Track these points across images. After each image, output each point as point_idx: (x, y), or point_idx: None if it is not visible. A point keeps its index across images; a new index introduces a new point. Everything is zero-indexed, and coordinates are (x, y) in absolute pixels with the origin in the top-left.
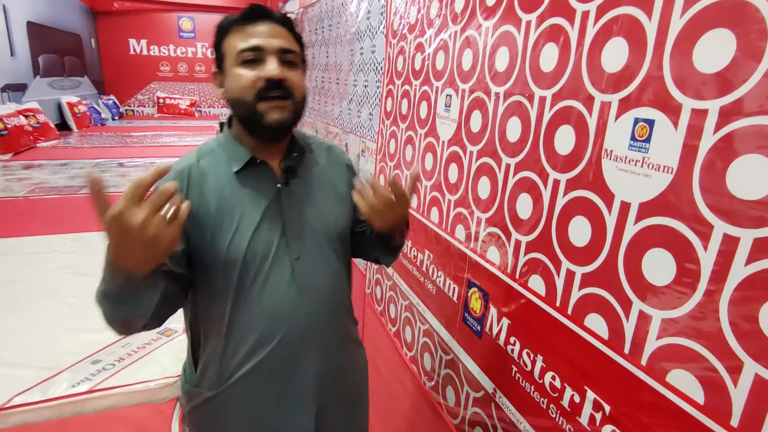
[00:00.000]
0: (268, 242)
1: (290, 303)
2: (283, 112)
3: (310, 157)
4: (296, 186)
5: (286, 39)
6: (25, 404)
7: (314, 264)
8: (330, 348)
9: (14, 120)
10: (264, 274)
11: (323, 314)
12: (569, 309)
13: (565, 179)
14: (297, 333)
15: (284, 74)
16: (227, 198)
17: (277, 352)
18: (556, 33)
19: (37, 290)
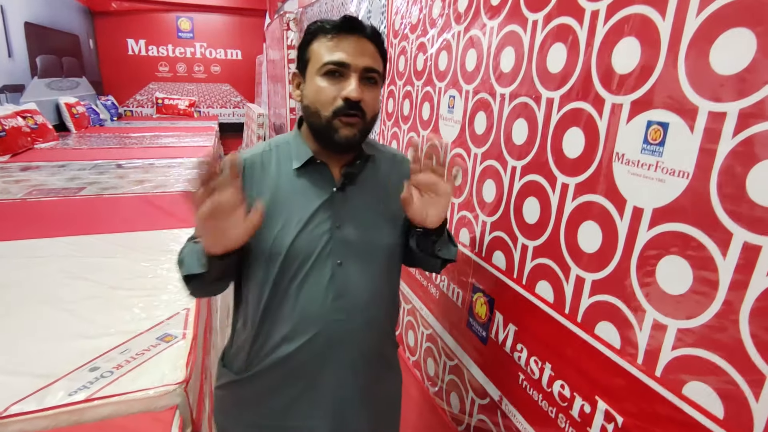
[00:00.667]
0: (313, 242)
1: (323, 307)
2: (353, 130)
3: (373, 167)
4: (352, 193)
5: (373, 57)
6: (21, 413)
7: (355, 273)
8: (358, 364)
9: (12, 121)
10: (303, 273)
11: (355, 326)
12: (579, 316)
13: (574, 183)
14: (324, 338)
15: (363, 95)
16: (282, 192)
17: (302, 353)
18: (564, 33)
19: (34, 295)
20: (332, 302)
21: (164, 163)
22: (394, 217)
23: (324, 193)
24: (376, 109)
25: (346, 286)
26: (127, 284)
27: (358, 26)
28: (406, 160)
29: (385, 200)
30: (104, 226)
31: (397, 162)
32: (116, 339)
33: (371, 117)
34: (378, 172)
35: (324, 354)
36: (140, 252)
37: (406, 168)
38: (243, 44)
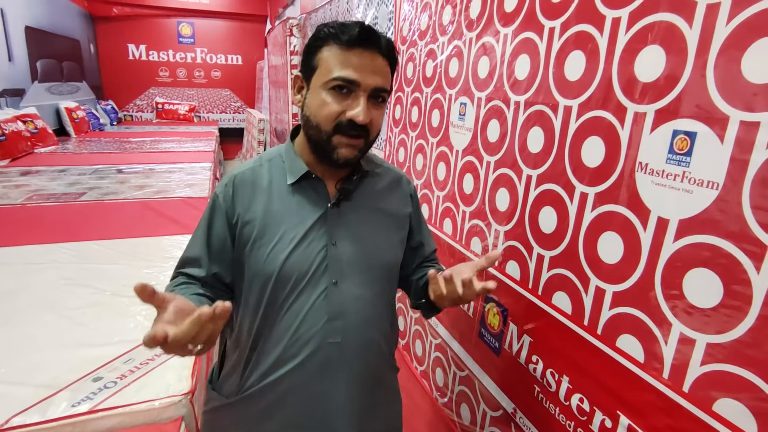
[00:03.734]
0: (307, 260)
1: (317, 328)
2: (353, 150)
3: (371, 182)
4: (348, 209)
5: (384, 76)
6: (23, 426)
7: (352, 293)
8: (354, 388)
9: (12, 125)
10: (297, 293)
11: (351, 348)
12: (599, 328)
13: (593, 193)
14: (319, 361)
15: (369, 117)
16: (275, 209)
17: (295, 376)
18: (583, 40)
19: (35, 302)
20: (327, 323)
21: (165, 168)
22: (392, 236)
23: (319, 209)
24: (379, 127)
25: (342, 307)
26: (129, 291)
27: (374, 40)
28: (406, 180)
29: (384, 218)
30: (105, 231)
31: (397, 181)
32: (119, 348)
33: (373, 137)
34: (376, 189)
35: (319, 377)
36: (142, 258)
37: (406, 183)
38: (244, 49)
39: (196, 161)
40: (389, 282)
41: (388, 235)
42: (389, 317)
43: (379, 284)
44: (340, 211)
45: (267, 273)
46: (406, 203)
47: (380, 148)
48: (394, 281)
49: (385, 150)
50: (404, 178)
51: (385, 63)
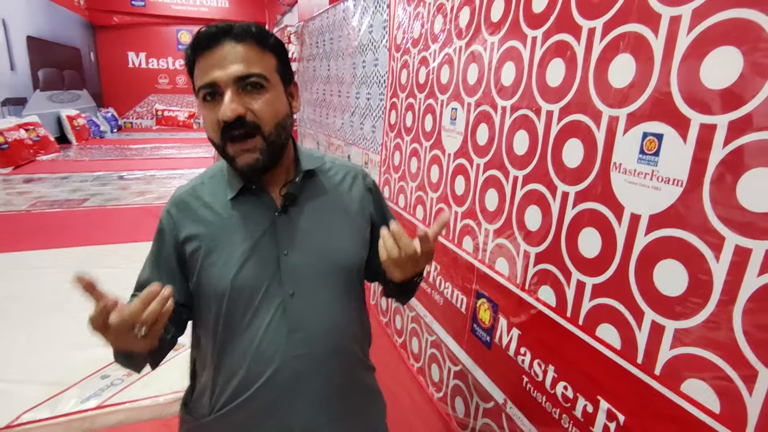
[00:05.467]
0: (258, 275)
1: (278, 344)
2: (252, 154)
3: (320, 181)
4: (297, 214)
5: (247, 60)
6: (34, 421)
7: (311, 302)
8: (329, 397)
9: (14, 134)
10: (253, 310)
11: (318, 358)
12: (580, 319)
13: (573, 191)
14: (286, 376)
15: (241, 110)
16: (220, 226)
17: (265, 393)
18: (563, 49)
19: (43, 305)
20: (289, 336)
21: (165, 174)
22: (351, 235)
23: (266, 220)
24: (276, 114)
25: (302, 318)
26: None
27: (216, 35)
28: (362, 174)
29: (339, 217)
30: (108, 236)
31: (352, 176)
32: None
33: (272, 128)
34: (327, 188)
35: (291, 392)
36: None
37: (361, 176)
38: None
39: (196, 167)
40: (351, 284)
41: (345, 235)
42: (358, 319)
43: (341, 288)
44: (289, 218)
45: (218, 293)
46: (365, 198)
47: (376, 152)
48: (357, 281)
49: (381, 154)
50: (360, 172)
51: (246, 47)
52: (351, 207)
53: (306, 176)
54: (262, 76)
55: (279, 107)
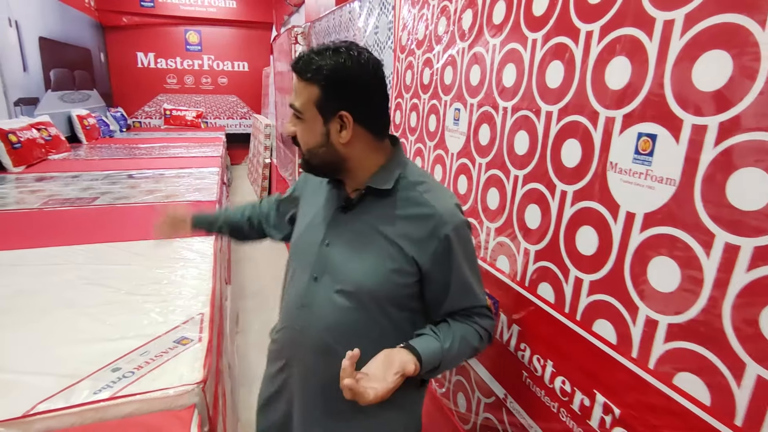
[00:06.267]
0: (305, 249)
1: (292, 310)
2: (300, 159)
3: (389, 202)
4: (351, 219)
5: (296, 93)
6: (49, 411)
7: (323, 294)
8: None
9: (27, 133)
10: (293, 272)
11: (305, 341)
12: (578, 315)
13: (572, 191)
14: (287, 336)
15: (292, 132)
16: (314, 197)
17: (280, 340)
18: (562, 51)
19: (55, 301)
20: (298, 309)
21: (174, 173)
22: (381, 263)
23: (330, 210)
24: (308, 141)
25: (312, 301)
26: (142, 290)
27: (295, 67)
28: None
29: (380, 242)
30: (118, 234)
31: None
32: (135, 342)
33: (305, 151)
34: (389, 211)
35: (291, 355)
36: (154, 259)
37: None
38: (250, 56)
39: (204, 166)
40: (371, 306)
41: (375, 259)
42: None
43: (353, 299)
44: (344, 218)
45: (290, 245)
46: (421, 243)
47: None
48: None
49: None
50: (439, 218)
51: (301, 81)
52: (398, 241)
53: (379, 194)
54: (299, 110)
55: (308, 138)
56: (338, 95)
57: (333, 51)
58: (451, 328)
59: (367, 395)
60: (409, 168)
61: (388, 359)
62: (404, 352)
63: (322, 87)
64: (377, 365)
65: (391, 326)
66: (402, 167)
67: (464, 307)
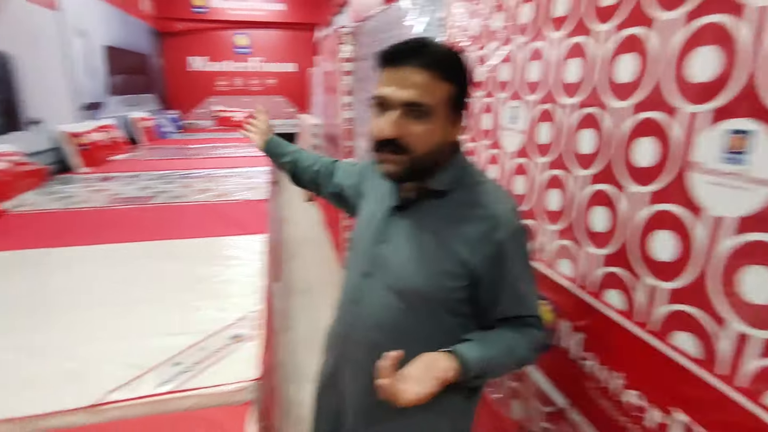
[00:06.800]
0: (362, 243)
1: (345, 304)
2: (395, 167)
3: (446, 203)
4: (406, 218)
5: (422, 88)
6: (119, 401)
7: (374, 291)
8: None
9: (93, 136)
10: (351, 264)
11: (354, 337)
12: (652, 325)
13: (646, 192)
14: (341, 327)
15: (397, 132)
16: (374, 192)
17: (333, 333)
18: (635, 43)
19: (120, 294)
20: (350, 304)
21: (224, 172)
22: (433, 265)
23: (388, 207)
24: (428, 143)
25: (361, 298)
26: (198, 287)
27: (402, 56)
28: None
29: (433, 244)
30: (174, 232)
31: (481, 219)
32: (193, 337)
33: (422, 153)
34: (444, 213)
35: (342, 350)
36: (208, 257)
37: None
38: (297, 57)
39: (253, 165)
40: (420, 308)
41: (427, 261)
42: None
43: (403, 300)
44: (401, 216)
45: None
46: (475, 246)
47: None
48: (430, 312)
49: None
50: (494, 221)
51: (426, 74)
52: (452, 244)
53: (435, 194)
54: (429, 108)
55: (434, 138)
56: (462, 95)
57: (453, 48)
58: (500, 335)
59: (402, 396)
60: (469, 169)
61: (429, 363)
62: (446, 357)
63: (459, 86)
64: (417, 368)
65: (440, 329)
66: (462, 168)
67: (518, 314)
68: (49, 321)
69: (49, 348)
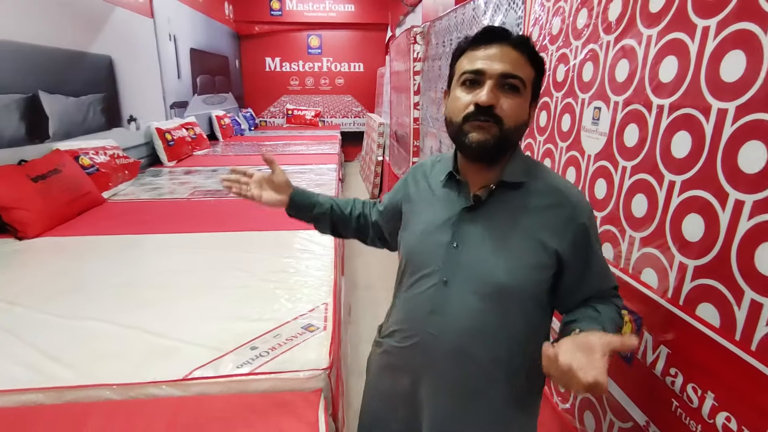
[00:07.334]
0: (428, 254)
1: (420, 315)
2: (485, 134)
3: (521, 194)
4: (480, 217)
5: (514, 63)
6: (201, 378)
7: (457, 297)
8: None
9: (178, 132)
10: (417, 276)
11: (443, 348)
12: (753, 344)
13: (751, 200)
14: (422, 347)
15: (495, 100)
16: (424, 200)
17: (405, 352)
18: (744, 39)
19: (201, 281)
20: (428, 315)
21: (296, 169)
22: (521, 258)
23: (455, 209)
24: (518, 118)
25: (444, 306)
26: (273, 277)
27: (498, 35)
28: (573, 206)
29: (518, 236)
30: (251, 224)
31: (558, 205)
32: (268, 324)
33: (511, 126)
34: (522, 204)
35: (420, 365)
36: (281, 249)
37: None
38: (365, 57)
39: (322, 163)
40: (510, 305)
41: (516, 255)
42: (506, 342)
43: (490, 301)
44: (473, 216)
45: (404, 250)
46: (558, 231)
47: None
48: (520, 308)
49: None
50: (572, 205)
51: (516, 52)
52: (537, 234)
53: (509, 187)
54: (522, 81)
55: (522, 113)
56: (539, 84)
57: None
58: (597, 311)
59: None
60: (529, 158)
61: (583, 346)
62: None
63: (537, 70)
64: (575, 358)
65: (529, 324)
66: (525, 158)
67: (601, 289)
68: (141, 301)
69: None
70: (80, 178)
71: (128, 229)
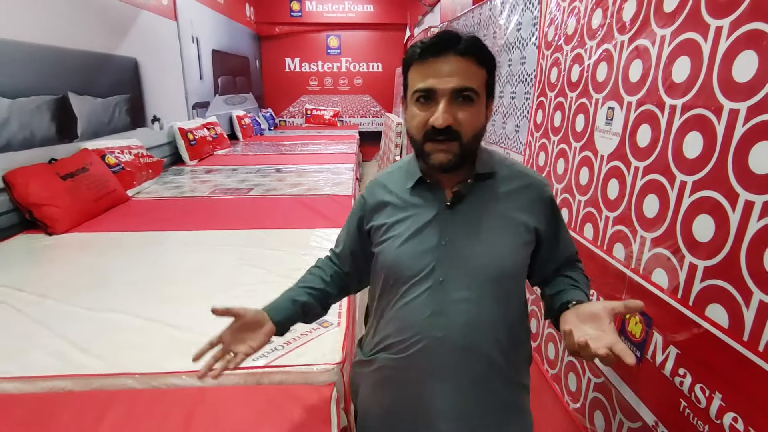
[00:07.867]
0: (416, 258)
1: (421, 319)
2: (447, 155)
3: (492, 185)
4: (462, 211)
5: (464, 75)
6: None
7: (456, 294)
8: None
9: (200, 132)
10: (408, 284)
11: (452, 347)
12: (761, 346)
13: (761, 201)
14: (425, 353)
15: (450, 119)
16: (396, 209)
17: (404, 361)
18: (756, 39)
19: (221, 277)
20: (429, 318)
21: (314, 168)
22: (508, 240)
23: (433, 211)
24: (475, 126)
25: (445, 305)
26: (291, 274)
27: (444, 46)
28: (539, 185)
29: (501, 222)
30: (269, 222)
31: (526, 186)
32: None
33: (470, 137)
34: (496, 192)
35: (426, 369)
36: (299, 247)
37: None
38: (383, 57)
39: (340, 162)
40: (504, 289)
41: (503, 239)
42: (505, 326)
43: (488, 289)
44: (454, 213)
45: (386, 263)
46: (533, 210)
47: (518, 152)
48: (513, 289)
49: (524, 155)
50: (538, 184)
51: (466, 62)
52: (516, 215)
53: (479, 179)
54: (475, 91)
55: (479, 120)
56: (493, 81)
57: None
58: (574, 279)
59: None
60: (488, 149)
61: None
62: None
63: (489, 69)
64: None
65: (519, 302)
66: (486, 149)
67: (565, 257)
68: (163, 296)
69: (164, 319)
70: (106, 176)
71: (151, 226)
